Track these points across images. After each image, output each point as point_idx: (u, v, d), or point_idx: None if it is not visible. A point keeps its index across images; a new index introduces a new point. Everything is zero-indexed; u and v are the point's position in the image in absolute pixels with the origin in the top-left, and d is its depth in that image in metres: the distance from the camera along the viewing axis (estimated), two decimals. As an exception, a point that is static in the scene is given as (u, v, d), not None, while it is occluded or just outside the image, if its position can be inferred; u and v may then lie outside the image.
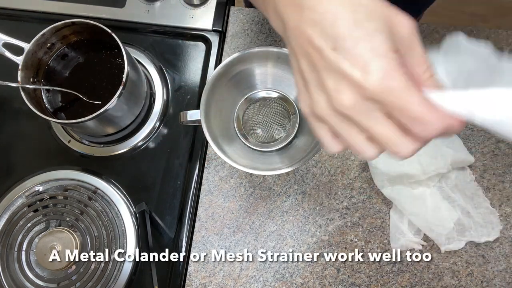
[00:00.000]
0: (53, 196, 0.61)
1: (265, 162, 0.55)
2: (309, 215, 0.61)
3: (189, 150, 0.64)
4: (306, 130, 0.56)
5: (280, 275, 0.59)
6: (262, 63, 0.54)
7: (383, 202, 0.60)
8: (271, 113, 0.58)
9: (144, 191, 0.63)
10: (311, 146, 0.52)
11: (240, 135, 0.56)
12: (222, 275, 0.59)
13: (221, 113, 0.55)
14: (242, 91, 0.56)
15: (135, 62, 0.60)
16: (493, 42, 0.65)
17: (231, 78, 0.54)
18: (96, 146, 0.65)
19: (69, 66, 0.62)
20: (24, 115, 0.66)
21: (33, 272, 0.58)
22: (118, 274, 0.58)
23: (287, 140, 0.55)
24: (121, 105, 0.56)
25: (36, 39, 0.56)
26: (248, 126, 0.58)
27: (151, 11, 0.68)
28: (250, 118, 0.58)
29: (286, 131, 0.57)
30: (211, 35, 0.68)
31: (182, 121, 0.52)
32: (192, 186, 0.63)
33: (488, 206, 0.58)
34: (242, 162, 0.49)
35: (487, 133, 0.62)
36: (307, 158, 0.48)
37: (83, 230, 0.59)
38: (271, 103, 0.58)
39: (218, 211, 0.61)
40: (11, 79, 0.54)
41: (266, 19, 0.68)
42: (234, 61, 0.51)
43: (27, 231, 0.60)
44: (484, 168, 0.61)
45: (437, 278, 0.58)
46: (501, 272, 0.57)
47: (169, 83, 0.68)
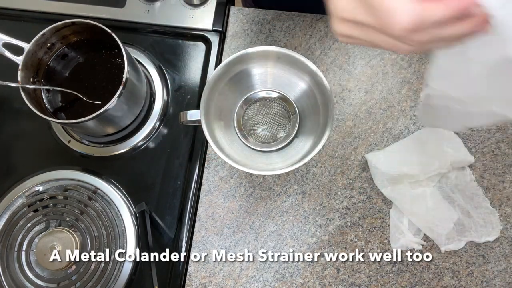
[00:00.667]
0: (53, 196, 0.61)
1: (265, 162, 0.55)
2: (309, 215, 0.61)
3: (189, 150, 0.64)
4: (306, 130, 0.56)
5: (280, 275, 0.59)
6: (262, 63, 0.54)
7: (383, 202, 0.60)
8: (271, 113, 0.58)
9: (144, 191, 0.63)
10: (311, 146, 0.52)
11: (240, 135, 0.56)
12: (222, 275, 0.59)
13: (221, 113, 0.55)
14: (242, 91, 0.56)
15: (135, 62, 0.60)
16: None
17: (231, 78, 0.54)
18: (96, 146, 0.65)
19: (69, 66, 0.61)
20: (24, 115, 0.66)
21: (33, 272, 0.58)
22: (118, 274, 0.58)
23: (287, 140, 0.55)
24: (121, 105, 0.56)
25: (36, 39, 0.56)
26: (248, 126, 0.58)
27: (151, 11, 0.68)
28: (250, 118, 0.58)
29: (286, 131, 0.57)
30: (211, 35, 0.68)
31: (182, 121, 0.52)
32: (192, 186, 0.63)
33: (488, 206, 0.58)
34: (242, 162, 0.49)
35: (487, 133, 0.62)
36: (307, 158, 0.48)
37: (83, 230, 0.59)
38: (271, 103, 0.58)
39: (218, 211, 0.61)
40: (11, 79, 0.54)
41: (266, 19, 0.68)
42: (234, 61, 0.51)
43: (27, 231, 0.60)
44: (484, 168, 0.61)
45: (437, 278, 0.58)
46: (501, 272, 0.57)
47: (169, 83, 0.68)
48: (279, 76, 0.55)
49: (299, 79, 0.54)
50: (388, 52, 0.66)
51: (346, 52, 0.66)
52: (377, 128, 0.63)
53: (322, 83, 0.50)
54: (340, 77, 0.65)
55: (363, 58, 0.66)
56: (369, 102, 0.64)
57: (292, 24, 0.68)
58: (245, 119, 0.57)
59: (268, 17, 0.69)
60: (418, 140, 0.60)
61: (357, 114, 0.64)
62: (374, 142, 0.63)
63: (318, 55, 0.67)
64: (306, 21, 0.68)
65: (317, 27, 0.67)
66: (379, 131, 0.63)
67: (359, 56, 0.66)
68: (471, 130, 0.62)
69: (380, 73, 0.65)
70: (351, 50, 0.67)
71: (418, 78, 0.65)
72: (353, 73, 0.66)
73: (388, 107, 0.64)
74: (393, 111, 0.64)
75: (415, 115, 0.63)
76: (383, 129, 0.63)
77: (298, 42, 0.67)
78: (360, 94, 0.65)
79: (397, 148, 0.60)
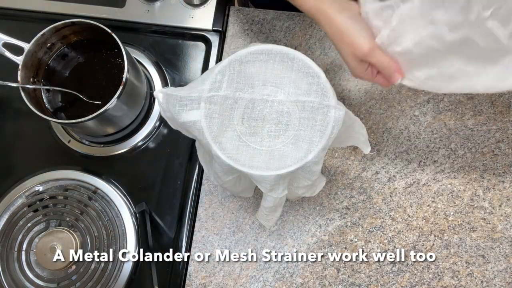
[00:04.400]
0: (53, 196, 0.61)
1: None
2: (309, 215, 0.61)
3: (189, 150, 0.64)
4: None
5: (280, 275, 0.59)
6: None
7: (383, 202, 0.60)
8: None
9: (144, 191, 0.63)
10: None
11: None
12: (222, 275, 0.59)
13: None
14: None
15: (135, 62, 0.60)
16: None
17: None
18: (96, 146, 0.65)
19: (69, 66, 0.62)
20: (24, 115, 0.66)
21: (33, 272, 0.58)
22: (118, 274, 0.58)
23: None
24: (121, 105, 0.56)
25: (36, 39, 0.56)
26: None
27: (151, 11, 0.68)
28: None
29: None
30: (211, 35, 0.68)
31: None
32: (192, 186, 0.63)
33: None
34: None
35: (487, 133, 0.62)
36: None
37: (83, 230, 0.59)
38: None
39: (218, 211, 0.61)
40: (11, 79, 0.54)
41: (266, 19, 0.68)
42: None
43: (27, 231, 0.60)
44: (484, 168, 0.61)
45: (437, 278, 0.58)
46: (501, 272, 0.57)
47: (169, 83, 0.68)
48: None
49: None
50: (388, 52, 0.66)
51: (346, 52, 0.66)
52: (377, 128, 0.63)
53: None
54: (340, 77, 0.65)
55: (363, 58, 0.66)
56: (369, 102, 0.64)
57: (292, 24, 0.68)
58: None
59: (268, 17, 0.69)
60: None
61: (357, 114, 0.64)
62: (374, 142, 0.63)
63: (318, 55, 0.66)
64: (306, 21, 0.68)
65: (317, 27, 0.67)
66: (379, 131, 0.63)
67: (359, 56, 0.66)
68: (471, 130, 0.62)
69: (380, 73, 0.65)
70: (351, 50, 0.67)
71: (418, 78, 0.65)
72: (353, 73, 0.66)
73: (388, 107, 0.64)
74: (393, 111, 0.64)
75: (415, 115, 0.63)
76: (383, 129, 0.63)
77: (298, 42, 0.67)
78: (360, 94, 0.65)
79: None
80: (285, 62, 0.51)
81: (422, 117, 0.63)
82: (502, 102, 0.63)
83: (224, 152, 0.48)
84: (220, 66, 0.49)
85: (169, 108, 0.45)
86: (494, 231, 0.59)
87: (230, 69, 0.51)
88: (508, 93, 0.63)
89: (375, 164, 0.62)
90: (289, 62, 0.50)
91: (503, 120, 0.62)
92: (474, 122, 0.62)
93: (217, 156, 0.46)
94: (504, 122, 0.62)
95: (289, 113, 0.51)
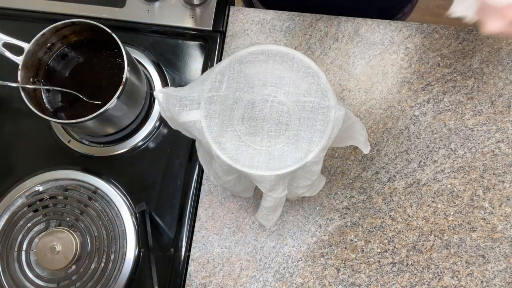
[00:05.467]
0: (53, 196, 0.61)
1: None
2: (309, 215, 0.61)
3: (189, 150, 0.64)
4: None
5: (280, 275, 0.59)
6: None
7: (383, 202, 0.60)
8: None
9: (144, 191, 0.63)
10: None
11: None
12: (222, 275, 0.59)
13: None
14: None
15: (135, 62, 0.60)
16: (493, 41, 0.65)
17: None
18: (96, 146, 0.65)
19: (69, 66, 0.62)
20: (24, 115, 0.66)
21: (33, 272, 0.58)
22: (118, 274, 0.58)
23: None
24: (121, 105, 0.56)
25: (36, 39, 0.56)
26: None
27: (151, 11, 0.68)
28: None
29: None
30: (211, 35, 0.68)
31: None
32: (192, 186, 0.63)
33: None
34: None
35: (487, 133, 0.62)
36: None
37: (83, 230, 0.59)
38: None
39: (218, 211, 0.61)
40: (11, 79, 0.54)
41: (266, 19, 0.68)
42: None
43: (27, 231, 0.60)
44: (484, 168, 0.61)
45: (437, 278, 0.58)
46: (501, 272, 0.57)
47: (169, 83, 0.68)
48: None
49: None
50: (388, 52, 0.66)
51: (346, 52, 0.66)
52: (377, 128, 0.63)
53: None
54: (340, 77, 0.65)
55: (363, 58, 0.66)
56: (369, 102, 0.64)
57: (292, 24, 0.68)
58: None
59: (268, 17, 0.69)
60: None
61: (357, 114, 0.64)
62: (374, 142, 0.63)
63: (318, 55, 0.67)
64: (306, 21, 0.68)
65: (317, 27, 0.67)
66: (379, 131, 0.63)
67: (359, 56, 0.66)
68: (471, 130, 0.62)
69: (380, 73, 0.65)
70: (351, 50, 0.67)
71: (418, 78, 0.65)
72: (353, 73, 0.66)
73: (388, 107, 0.64)
74: (393, 111, 0.64)
75: (415, 115, 0.63)
76: (383, 129, 0.63)
77: (298, 42, 0.67)
78: (360, 94, 0.65)
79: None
80: (285, 62, 0.51)
81: (422, 117, 0.63)
82: (502, 102, 0.63)
83: (224, 152, 0.48)
84: (220, 66, 0.49)
85: (169, 108, 0.45)
86: (494, 231, 0.59)
87: (230, 69, 0.51)
88: (508, 93, 0.63)
89: (375, 164, 0.62)
90: (289, 62, 0.50)
91: (503, 120, 0.62)
92: (474, 122, 0.63)
93: (217, 156, 0.46)
94: (504, 122, 0.62)
95: (289, 113, 0.51)
